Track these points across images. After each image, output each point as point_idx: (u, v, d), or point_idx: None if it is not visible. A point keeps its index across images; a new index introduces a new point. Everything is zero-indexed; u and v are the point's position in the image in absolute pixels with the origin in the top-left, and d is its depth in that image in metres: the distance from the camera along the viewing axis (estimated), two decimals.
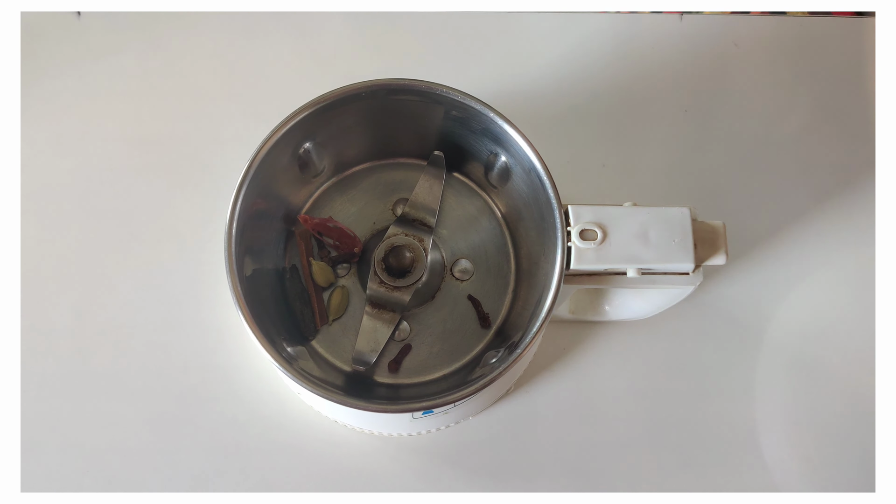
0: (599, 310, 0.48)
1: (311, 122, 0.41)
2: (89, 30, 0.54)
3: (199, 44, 0.54)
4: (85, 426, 0.48)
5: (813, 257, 0.51)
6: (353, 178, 0.46)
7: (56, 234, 0.50)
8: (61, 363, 0.49)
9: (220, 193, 0.45)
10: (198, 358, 0.49)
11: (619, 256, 0.39)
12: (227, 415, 0.48)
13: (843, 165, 0.53)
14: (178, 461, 0.47)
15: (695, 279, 0.41)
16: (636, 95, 0.54)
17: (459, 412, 0.44)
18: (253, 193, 0.40)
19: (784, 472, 0.48)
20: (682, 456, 0.48)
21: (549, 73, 0.54)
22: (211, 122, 0.52)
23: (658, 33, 0.55)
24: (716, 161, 0.53)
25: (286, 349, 0.41)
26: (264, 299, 0.41)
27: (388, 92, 0.41)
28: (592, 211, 0.39)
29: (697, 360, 0.50)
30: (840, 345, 0.50)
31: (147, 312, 0.49)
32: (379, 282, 0.42)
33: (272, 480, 0.47)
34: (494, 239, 0.45)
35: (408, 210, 0.44)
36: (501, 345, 0.43)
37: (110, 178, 0.51)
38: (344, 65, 0.54)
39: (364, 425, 0.46)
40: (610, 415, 0.49)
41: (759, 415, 0.49)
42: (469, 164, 0.45)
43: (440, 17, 0.55)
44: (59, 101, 0.53)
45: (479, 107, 0.40)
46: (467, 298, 0.44)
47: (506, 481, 0.48)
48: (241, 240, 0.39)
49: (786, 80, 0.54)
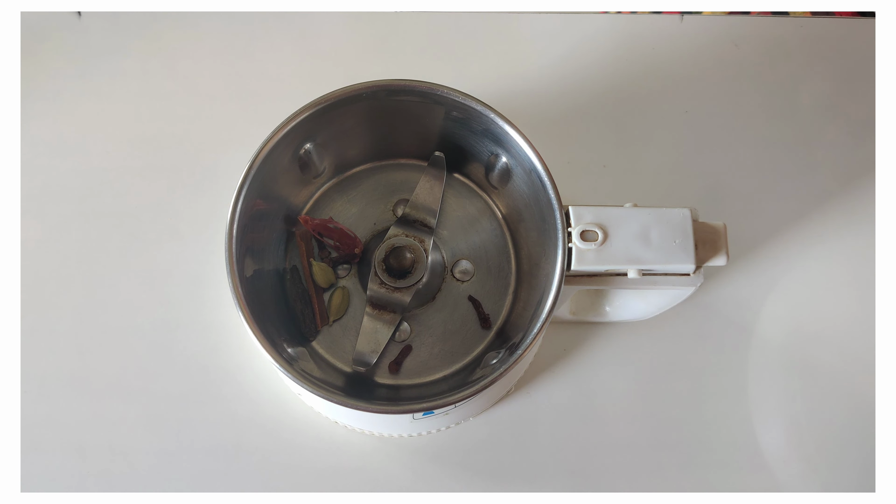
0: (600, 311, 0.48)
1: (311, 123, 0.41)
2: (90, 30, 0.54)
3: (199, 44, 0.54)
4: (86, 426, 0.48)
5: (814, 258, 0.51)
6: (353, 178, 0.46)
7: (57, 235, 0.50)
8: (62, 363, 0.49)
9: (220, 194, 0.45)
10: (198, 359, 0.49)
11: (619, 257, 0.39)
12: (228, 415, 0.48)
13: (845, 166, 0.53)
14: (179, 461, 0.47)
15: (696, 280, 0.41)
16: (637, 96, 0.54)
17: (460, 413, 0.44)
18: (254, 194, 0.40)
19: (784, 472, 0.48)
20: (682, 456, 0.48)
21: (550, 73, 0.54)
22: (211, 123, 0.52)
23: (658, 34, 0.55)
24: (716, 162, 0.53)
25: (286, 350, 0.41)
26: (265, 300, 0.41)
27: (388, 93, 0.41)
28: (593, 212, 0.39)
29: (698, 361, 0.50)
30: (841, 346, 0.50)
31: (147, 313, 0.49)
32: (379, 283, 0.42)
33: (273, 481, 0.47)
34: (495, 240, 0.45)
35: (408, 211, 0.44)
36: (502, 346, 0.43)
37: (111, 179, 0.51)
38: (344, 66, 0.54)
39: (364, 426, 0.46)
40: (611, 415, 0.49)
41: (759, 415, 0.49)
42: (470, 165, 0.45)
43: (441, 18, 0.55)
44: (60, 101, 0.53)
45: (480, 107, 0.40)
46: (468, 299, 0.44)
47: (506, 482, 0.48)
48: (241, 241, 0.39)
49: (787, 80, 0.54)
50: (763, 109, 0.54)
